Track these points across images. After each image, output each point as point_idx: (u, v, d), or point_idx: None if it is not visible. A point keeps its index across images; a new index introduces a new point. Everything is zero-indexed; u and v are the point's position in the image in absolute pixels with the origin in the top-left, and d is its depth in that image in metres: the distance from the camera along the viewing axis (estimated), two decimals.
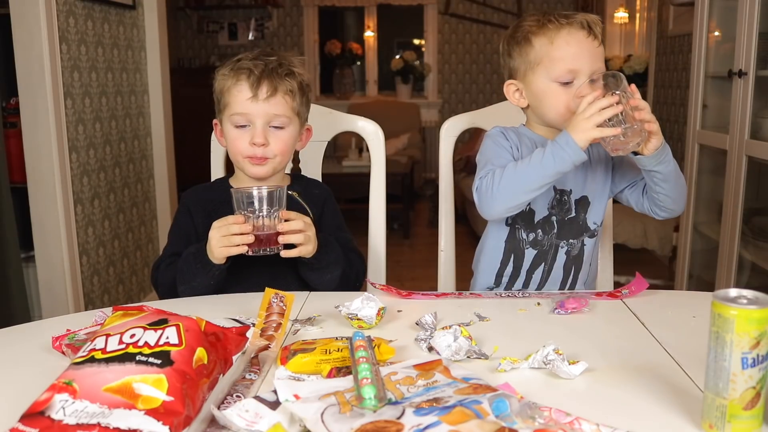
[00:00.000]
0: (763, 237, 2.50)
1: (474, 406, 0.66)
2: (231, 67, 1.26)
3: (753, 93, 2.35)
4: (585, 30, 1.17)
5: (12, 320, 2.29)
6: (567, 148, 1.08)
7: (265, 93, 1.23)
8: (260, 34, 6.28)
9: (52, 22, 2.27)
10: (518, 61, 1.22)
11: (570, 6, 6.14)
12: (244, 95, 1.23)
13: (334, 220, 1.37)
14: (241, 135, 1.25)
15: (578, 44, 1.17)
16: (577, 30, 1.17)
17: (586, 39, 1.17)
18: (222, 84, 1.26)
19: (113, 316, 0.84)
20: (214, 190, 1.36)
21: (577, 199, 1.25)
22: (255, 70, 1.23)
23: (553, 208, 1.24)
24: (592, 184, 1.26)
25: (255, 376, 0.83)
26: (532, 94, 1.22)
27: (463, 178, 4.40)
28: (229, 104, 1.25)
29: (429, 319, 0.98)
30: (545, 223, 1.25)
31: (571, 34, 1.16)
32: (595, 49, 1.18)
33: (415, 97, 6.44)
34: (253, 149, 1.25)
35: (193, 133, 3.10)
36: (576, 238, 1.27)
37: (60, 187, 2.35)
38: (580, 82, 1.16)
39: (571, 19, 1.17)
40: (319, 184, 1.42)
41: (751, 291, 0.68)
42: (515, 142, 1.24)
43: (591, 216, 1.27)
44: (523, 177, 1.11)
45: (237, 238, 1.12)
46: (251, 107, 1.23)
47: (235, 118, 1.25)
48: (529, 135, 1.26)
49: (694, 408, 0.73)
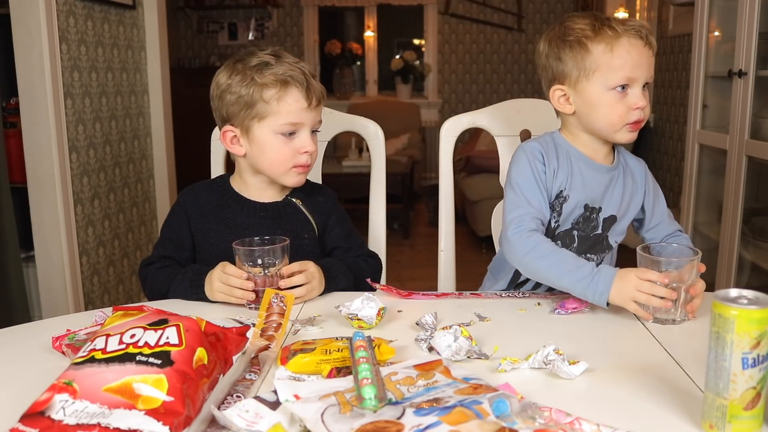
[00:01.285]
0: (763, 237, 2.50)
1: (474, 407, 0.66)
2: (259, 72, 1.20)
3: (753, 93, 2.35)
4: (643, 39, 1.15)
5: (12, 320, 2.29)
6: (597, 296, 1.04)
7: (315, 101, 1.23)
8: (260, 34, 6.28)
9: (52, 22, 2.27)
10: (570, 65, 1.17)
11: (570, 6, 6.14)
12: (300, 104, 1.21)
13: (342, 230, 1.34)
14: (287, 144, 1.22)
15: (638, 53, 1.14)
16: (636, 38, 1.14)
17: (644, 48, 1.14)
18: (260, 92, 1.20)
19: (113, 316, 0.84)
20: (213, 190, 1.32)
21: (605, 218, 1.23)
22: (303, 77, 1.21)
23: (577, 224, 1.22)
24: (623, 205, 1.24)
25: (255, 376, 0.83)
26: (583, 101, 1.18)
27: (464, 178, 4.40)
28: (277, 113, 1.20)
29: (429, 319, 0.98)
30: (566, 236, 1.22)
31: (632, 44, 1.13)
32: (650, 58, 1.16)
33: (415, 97, 6.44)
34: (301, 157, 1.23)
35: (193, 133, 3.10)
36: (596, 254, 1.24)
37: (60, 187, 2.35)
38: (634, 91, 1.15)
39: (629, 26, 1.14)
40: (323, 190, 1.38)
41: (752, 291, 0.68)
42: (552, 159, 1.20)
43: (613, 234, 1.25)
44: (550, 276, 1.10)
45: (238, 291, 1.10)
46: (306, 115, 1.22)
47: (285, 127, 1.21)
48: (566, 147, 1.22)
49: (695, 408, 0.73)
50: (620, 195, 1.23)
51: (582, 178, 1.21)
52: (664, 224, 1.28)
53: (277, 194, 1.30)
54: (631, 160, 1.28)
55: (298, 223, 1.29)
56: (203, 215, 1.27)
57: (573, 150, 1.22)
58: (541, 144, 1.22)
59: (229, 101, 1.22)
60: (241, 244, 1.10)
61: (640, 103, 1.15)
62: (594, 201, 1.22)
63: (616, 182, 1.23)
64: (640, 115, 1.16)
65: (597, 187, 1.22)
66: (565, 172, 1.21)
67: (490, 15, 6.25)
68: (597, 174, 1.22)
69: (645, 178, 1.27)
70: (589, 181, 1.21)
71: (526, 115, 1.50)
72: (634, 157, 1.29)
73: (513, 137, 1.51)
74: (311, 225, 1.30)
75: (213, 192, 1.31)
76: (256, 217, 1.27)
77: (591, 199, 1.21)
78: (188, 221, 1.28)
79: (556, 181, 1.20)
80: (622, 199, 1.23)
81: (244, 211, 1.28)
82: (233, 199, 1.29)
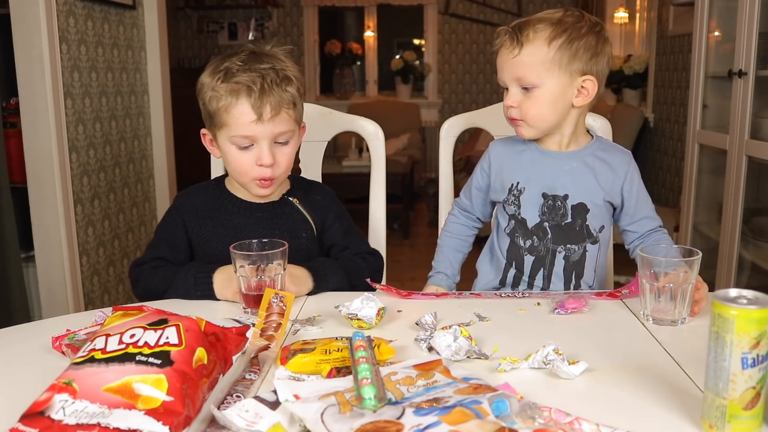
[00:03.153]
0: (763, 237, 2.50)
1: (474, 406, 0.66)
2: (221, 80, 1.15)
3: (753, 93, 2.35)
4: (512, 40, 1.18)
5: (12, 320, 2.29)
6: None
7: (269, 113, 1.15)
8: (260, 34, 6.28)
9: (52, 22, 2.27)
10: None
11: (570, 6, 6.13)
12: (247, 118, 1.14)
13: (340, 227, 1.33)
14: (243, 155, 1.18)
15: (499, 57, 1.20)
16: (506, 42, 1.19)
17: (512, 50, 1.18)
18: (215, 102, 1.16)
19: (113, 316, 0.84)
20: (208, 192, 1.30)
21: (573, 205, 1.23)
22: (254, 86, 1.13)
23: (544, 214, 1.23)
24: (591, 192, 1.23)
25: (255, 376, 0.83)
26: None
27: (463, 178, 4.40)
28: (228, 125, 1.16)
29: (429, 319, 0.98)
30: (538, 230, 1.24)
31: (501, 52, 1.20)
32: (515, 59, 1.18)
33: (415, 97, 6.44)
34: (260, 170, 1.18)
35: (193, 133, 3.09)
36: (576, 243, 1.24)
37: (60, 187, 2.35)
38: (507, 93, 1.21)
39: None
40: (321, 188, 1.37)
41: (751, 291, 0.68)
42: (505, 155, 1.29)
43: (592, 222, 1.24)
44: None
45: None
46: (255, 129, 1.15)
47: (237, 140, 1.17)
48: (530, 145, 1.27)
49: (694, 408, 0.73)
50: (588, 182, 1.23)
51: (535, 167, 1.24)
52: (647, 220, 1.27)
53: (272, 194, 1.30)
54: (613, 150, 1.27)
55: (295, 223, 1.28)
56: (200, 218, 1.26)
57: (531, 144, 1.26)
58: (503, 142, 1.31)
59: (202, 104, 1.21)
60: (239, 248, 1.07)
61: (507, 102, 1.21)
62: (552, 189, 1.22)
63: (581, 169, 1.23)
64: (510, 113, 1.21)
65: (552, 174, 1.23)
66: (517, 165, 1.26)
67: (490, 15, 6.25)
68: (550, 160, 1.24)
69: (628, 168, 1.25)
70: (542, 168, 1.23)
71: None
72: (619, 148, 1.29)
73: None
74: (309, 224, 1.29)
75: (208, 194, 1.30)
76: (253, 218, 1.27)
77: (548, 187, 1.22)
78: (184, 224, 1.27)
79: (505, 177, 1.27)
80: (590, 186, 1.23)
81: (241, 211, 1.27)
82: (229, 201, 1.28)
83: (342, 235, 1.33)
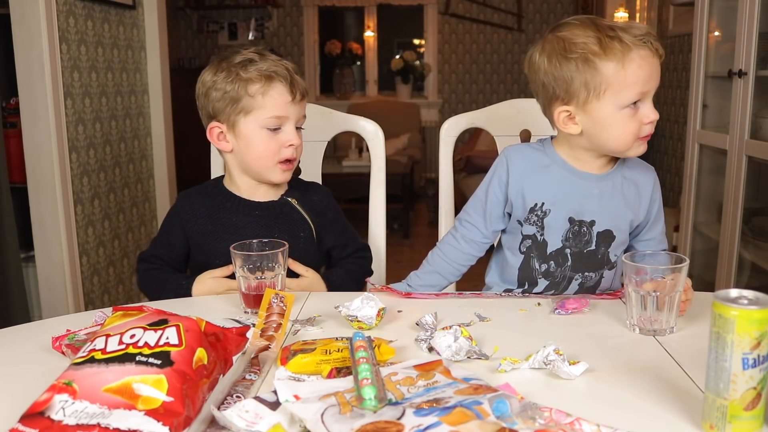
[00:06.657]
0: (763, 237, 2.50)
1: (474, 407, 0.66)
2: (244, 69, 1.22)
3: (753, 93, 2.35)
4: (651, 49, 1.06)
5: (12, 320, 2.29)
6: None
7: (299, 95, 1.25)
8: (260, 34, 6.27)
9: (52, 22, 2.27)
10: (576, 85, 1.08)
11: (570, 6, 6.14)
12: (285, 98, 1.23)
13: (338, 227, 1.36)
14: (272, 138, 1.24)
15: (649, 66, 1.06)
16: (645, 50, 1.06)
17: (653, 58, 1.07)
18: (246, 87, 1.22)
19: (113, 316, 0.84)
20: (207, 192, 1.32)
21: (599, 232, 1.16)
22: (287, 72, 1.24)
23: (567, 240, 1.16)
24: (618, 218, 1.17)
25: (255, 376, 0.83)
26: (592, 121, 1.10)
27: (463, 178, 4.40)
28: (263, 107, 1.22)
29: (429, 320, 0.97)
30: (558, 255, 1.17)
31: (643, 57, 1.05)
32: (659, 66, 1.08)
33: (415, 97, 6.43)
34: (287, 151, 1.25)
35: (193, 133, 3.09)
36: (594, 271, 1.19)
37: (60, 187, 2.35)
38: (646, 105, 1.08)
39: (636, 35, 1.05)
40: (318, 188, 1.39)
41: (752, 291, 0.68)
42: (526, 171, 1.17)
43: (614, 250, 1.18)
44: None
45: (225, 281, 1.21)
46: (290, 109, 1.24)
47: (270, 122, 1.23)
48: (552, 157, 1.18)
49: (695, 408, 0.73)
50: (616, 207, 1.17)
51: (564, 189, 1.16)
52: (653, 242, 1.22)
53: (271, 193, 1.31)
54: (638, 168, 1.20)
55: (293, 223, 1.30)
56: (199, 218, 1.28)
57: (558, 159, 1.17)
58: (523, 153, 1.20)
59: (215, 98, 1.24)
60: (239, 248, 1.07)
61: (653, 116, 1.08)
62: (579, 213, 1.16)
63: (610, 193, 1.16)
64: (652, 128, 1.10)
65: (580, 197, 1.16)
66: (542, 183, 1.17)
67: (490, 15, 6.24)
68: (580, 182, 1.16)
69: (653, 188, 1.20)
70: (570, 190, 1.16)
71: (525, 116, 1.50)
72: (643, 164, 1.21)
73: (513, 137, 1.51)
74: (307, 224, 1.31)
75: (207, 194, 1.32)
76: (252, 216, 1.28)
77: (576, 212, 1.15)
78: (183, 225, 1.29)
79: (527, 194, 1.17)
80: (619, 211, 1.17)
81: (239, 210, 1.28)
82: (228, 199, 1.30)
83: (341, 235, 1.36)
